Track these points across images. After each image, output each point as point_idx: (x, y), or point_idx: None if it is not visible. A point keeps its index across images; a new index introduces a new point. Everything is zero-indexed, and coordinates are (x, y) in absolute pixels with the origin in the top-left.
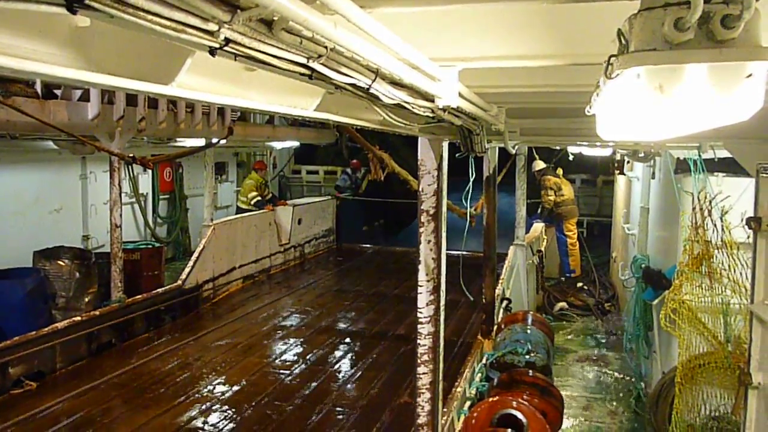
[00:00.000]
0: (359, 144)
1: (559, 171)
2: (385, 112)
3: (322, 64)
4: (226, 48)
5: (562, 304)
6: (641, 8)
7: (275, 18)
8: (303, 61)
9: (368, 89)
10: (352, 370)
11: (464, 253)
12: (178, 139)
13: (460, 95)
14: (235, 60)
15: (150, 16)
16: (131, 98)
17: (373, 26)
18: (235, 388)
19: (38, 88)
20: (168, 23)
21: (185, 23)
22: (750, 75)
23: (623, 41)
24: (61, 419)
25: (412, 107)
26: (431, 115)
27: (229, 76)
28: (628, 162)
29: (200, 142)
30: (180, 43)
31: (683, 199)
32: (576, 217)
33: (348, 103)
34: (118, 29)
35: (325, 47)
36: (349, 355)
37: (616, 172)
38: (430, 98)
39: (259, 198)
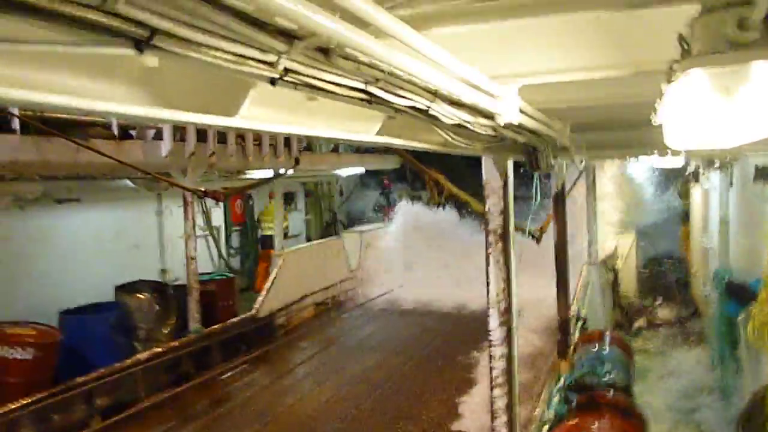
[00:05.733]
0: (415, 167)
1: None
2: (446, 132)
3: (379, 88)
4: (285, 78)
5: (641, 321)
6: (702, 11)
7: (332, 46)
8: (361, 86)
9: (427, 111)
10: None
11: None
12: (247, 172)
13: (521, 111)
14: (296, 89)
15: (213, 52)
16: (201, 135)
17: (429, 48)
18: (311, 411)
19: (114, 129)
20: (230, 57)
21: (245, 56)
22: None
23: (685, 46)
24: None
25: (473, 126)
26: (493, 133)
27: (292, 107)
28: (703, 173)
29: (268, 173)
30: (242, 76)
31: (765, 208)
32: None
33: (409, 126)
34: (185, 68)
35: (382, 71)
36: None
37: (691, 183)
38: (490, 116)
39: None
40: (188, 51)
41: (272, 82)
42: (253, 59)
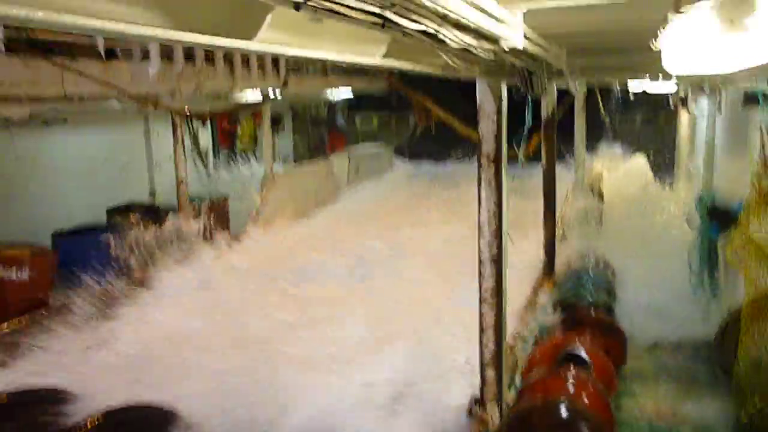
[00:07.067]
0: (403, 92)
1: None
2: (449, 56)
3: (394, 12)
4: (309, 2)
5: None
6: None
7: None
8: (377, 11)
9: (436, 35)
10: None
11: None
12: (235, 94)
13: (525, 37)
14: (315, 12)
15: None
16: (188, 55)
17: None
18: None
19: (101, 49)
20: None
21: None
22: None
23: None
24: None
25: (477, 50)
26: (493, 57)
27: (301, 30)
28: (692, 98)
29: (257, 95)
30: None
31: (752, 134)
32: None
33: (412, 50)
34: None
35: None
36: None
37: (680, 107)
38: (495, 40)
39: None
40: None
41: (297, 7)
42: None
